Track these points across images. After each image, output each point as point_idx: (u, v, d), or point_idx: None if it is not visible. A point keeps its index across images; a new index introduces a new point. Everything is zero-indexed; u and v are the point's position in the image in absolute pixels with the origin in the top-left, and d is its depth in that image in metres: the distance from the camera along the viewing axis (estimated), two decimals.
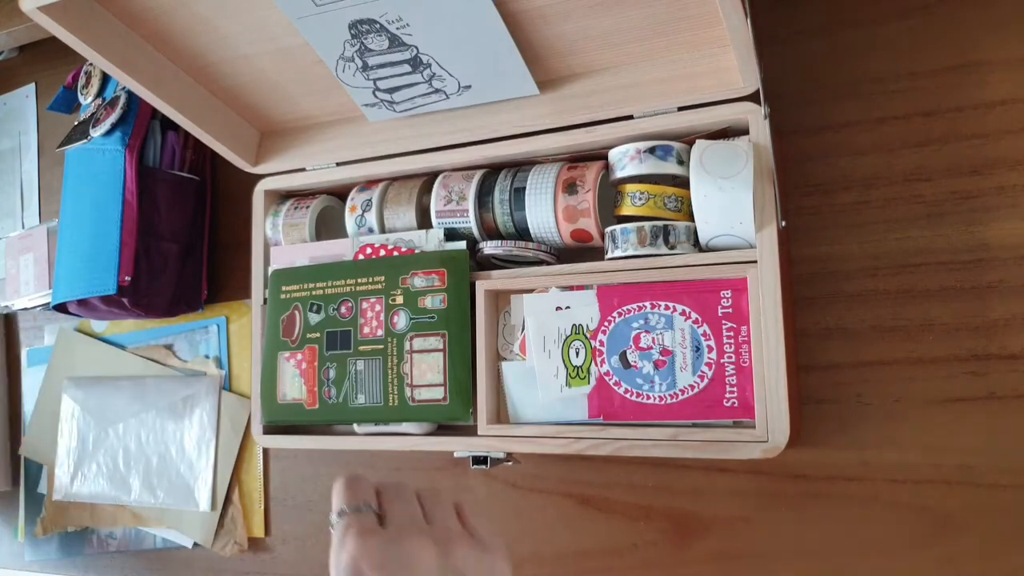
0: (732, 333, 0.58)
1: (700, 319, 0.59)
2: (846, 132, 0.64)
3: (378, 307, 0.66)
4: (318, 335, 0.68)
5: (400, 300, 0.65)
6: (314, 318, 0.68)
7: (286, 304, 0.70)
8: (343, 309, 0.67)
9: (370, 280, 0.65)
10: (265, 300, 0.75)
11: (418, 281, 0.64)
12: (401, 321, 0.65)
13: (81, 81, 0.92)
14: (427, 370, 0.64)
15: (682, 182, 0.60)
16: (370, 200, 0.71)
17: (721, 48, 0.60)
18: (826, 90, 0.64)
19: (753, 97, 0.59)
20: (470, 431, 0.65)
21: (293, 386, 0.69)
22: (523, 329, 0.64)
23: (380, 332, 0.66)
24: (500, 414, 0.66)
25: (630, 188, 0.61)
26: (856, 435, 0.61)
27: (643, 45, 0.61)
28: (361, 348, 0.66)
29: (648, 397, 0.60)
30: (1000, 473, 0.57)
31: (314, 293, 0.69)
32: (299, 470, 0.84)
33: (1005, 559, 0.57)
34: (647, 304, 0.61)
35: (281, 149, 0.78)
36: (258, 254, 0.76)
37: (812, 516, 0.62)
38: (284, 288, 0.71)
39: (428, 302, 0.65)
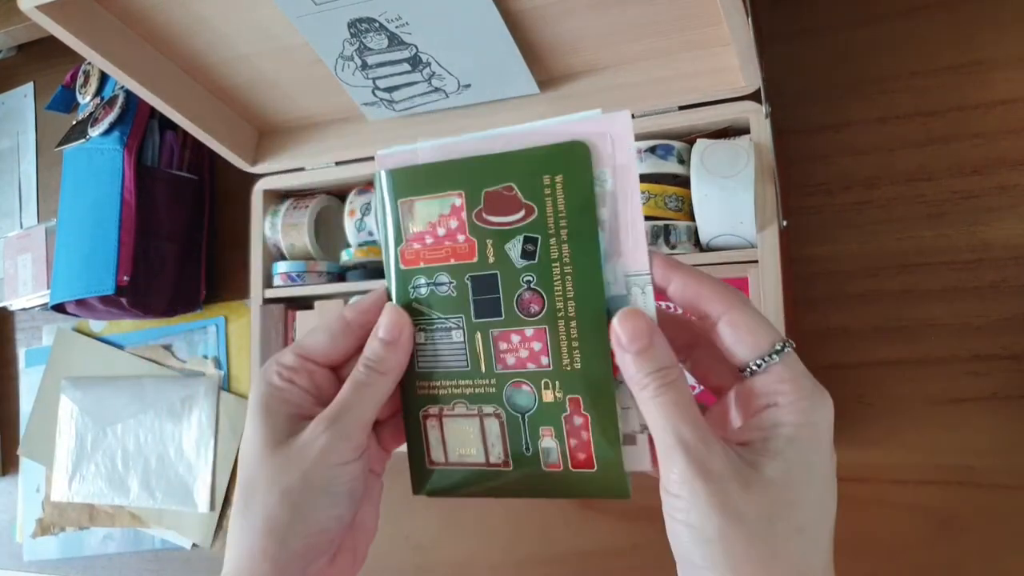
0: None
1: None
2: (847, 131, 0.63)
3: None
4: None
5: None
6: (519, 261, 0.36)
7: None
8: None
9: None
10: (267, 299, 0.75)
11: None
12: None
13: (79, 80, 0.92)
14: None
15: (683, 181, 0.60)
16: (368, 203, 0.71)
17: (722, 47, 0.59)
18: (827, 89, 0.64)
19: (754, 96, 0.58)
20: None
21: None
22: None
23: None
24: None
25: None
26: (858, 435, 0.61)
27: (644, 44, 0.61)
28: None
29: None
30: (1003, 474, 0.57)
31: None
32: None
33: (1007, 560, 0.56)
34: None
35: (280, 148, 0.78)
36: (257, 254, 0.76)
37: None
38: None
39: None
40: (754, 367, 0.33)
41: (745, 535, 0.30)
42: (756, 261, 0.57)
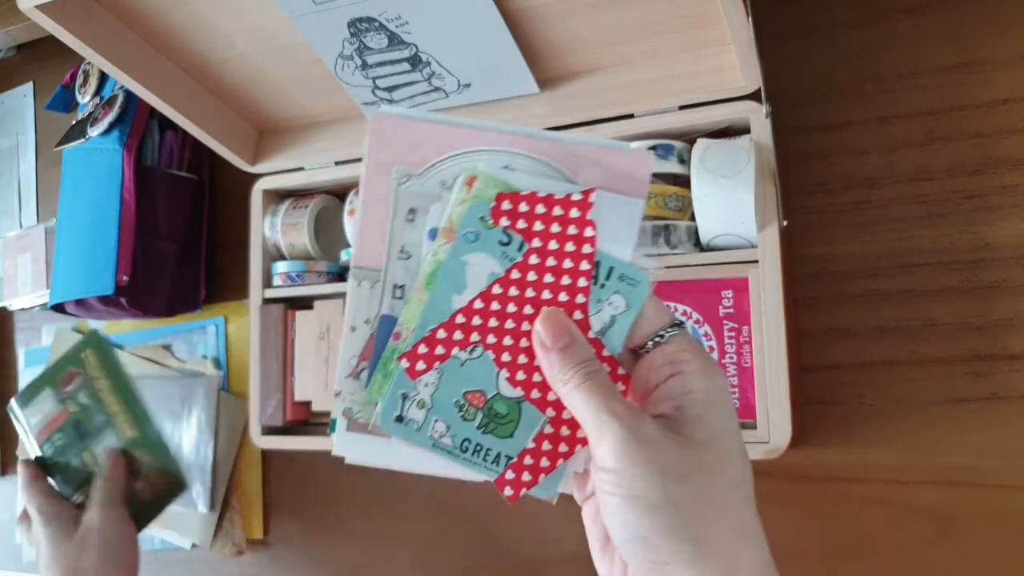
0: (733, 333, 0.58)
1: (701, 319, 0.59)
2: (848, 131, 0.63)
3: None
4: None
5: None
6: None
7: None
8: None
9: None
10: (266, 299, 0.75)
11: None
12: None
13: (79, 80, 0.92)
14: None
15: (683, 181, 0.60)
16: None
17: (722, 47, 0.59)
18: (828, 89, 0.64)
19: (755, 96, 0.58)
20: None
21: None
22: None
23: None
24: None
25: None
26: (858, 436, 0.61)
27: (644, 44, 0.61)
28: None
29: None
30: (1002, 474, 0.57)
31: None
32: (297, 471, 0.84)
33: (1007, 560, 0.56)
34: None
35: (279, 148, 0.78)
36: (256, 254, 0.76)
37: (814, 517, 0.62)
38: None
39: None
40: (657, 339, 0.34)
41: (690, 495, 0.30)
42: (756, 261, 0.57)
